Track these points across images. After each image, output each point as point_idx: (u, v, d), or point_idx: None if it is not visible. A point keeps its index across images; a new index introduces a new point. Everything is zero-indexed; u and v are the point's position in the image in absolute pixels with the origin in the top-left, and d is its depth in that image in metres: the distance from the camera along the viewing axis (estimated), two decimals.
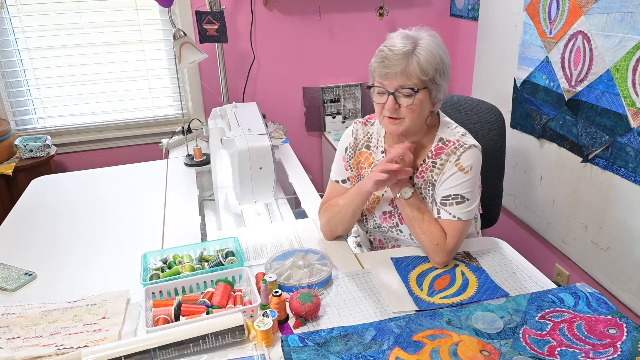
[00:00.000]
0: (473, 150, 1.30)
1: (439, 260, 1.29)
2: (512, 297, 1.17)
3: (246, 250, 1.42)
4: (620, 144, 1.69)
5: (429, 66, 1.21)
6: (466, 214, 1.30)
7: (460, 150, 1.30)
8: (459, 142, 1.31)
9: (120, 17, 2.58)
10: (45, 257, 1.44)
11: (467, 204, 1.30)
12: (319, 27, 2.79)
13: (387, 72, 1.22)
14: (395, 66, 1.20)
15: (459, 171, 1.29)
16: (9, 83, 2.57)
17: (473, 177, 1.30)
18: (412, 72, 1.21)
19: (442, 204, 1.31)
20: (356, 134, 1.46)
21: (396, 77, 1.21)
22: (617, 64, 1.65)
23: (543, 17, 2.00)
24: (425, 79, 1.22)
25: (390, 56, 1.21)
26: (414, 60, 1.20)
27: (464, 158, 1.29)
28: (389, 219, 1.42)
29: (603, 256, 1.84)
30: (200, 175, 2.08)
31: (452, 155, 1.31)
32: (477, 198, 1.35)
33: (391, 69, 1.21)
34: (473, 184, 1.31)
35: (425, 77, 1.21)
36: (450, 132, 1.34)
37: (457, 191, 1.30)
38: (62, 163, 2.74)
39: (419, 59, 1.20)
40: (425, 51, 1.21)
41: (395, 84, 1.22)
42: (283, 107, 2.91)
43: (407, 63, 1.20)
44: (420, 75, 1.21)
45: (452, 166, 1.30)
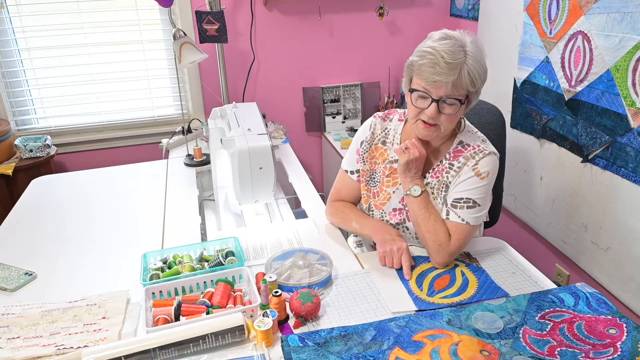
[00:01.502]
0: (492, 158, 1.30)
1: (440, 260, 1.29)
2: (512, 297, 1.17)
3: (246, 250, 1.42)
4: (620, 144, 1.69)
5: (477, 79, 1.20)
6: (475, 219, 1.30)
7: (479, 155, 1.30)
8: (479, 148, 1.31)
9: (120, 17, 2.59)
10: (45, 257, 1.44)
11: (478, 210, 1.30)
12: (319, 27, 2.79)
13: (437, 79, 1.17)
14: (447, 75, 1.16)
15: (476, 176, 1.29)
16: (9, 83, 2.57)
17: (488, 183, 1.30)
18: (462, 83, 1.18)
19: (452, 206, 1.31)
20: (374, 128, 1.45)
21: (447, 86, 1.17)
22: (617, 64, 1.65)
23: (543, 17, 2.00)
24: (473, 91, 1.21)
25: (442, 64, 1.16)
26: (465, 71, 1.17)
27: (482, 164, 1.29)
28: (397, 216, 1.42)
29: (603, 256, 1.84)
30: (200, 175, 2.08)
31: (470, 159, 1.30)
32: (487, 205, 1.34)
33: (442, 77, 1.16)
34: (486, 191, 1.31)
35: (473, 88, 1.21)
36: (470, 137, 1.34)
37: (470, 195, 1.29)
38: (62, 163, 2.74)
39: (471, 70, 1.17)
40: (474, 61, 1.18)
41: (442, 93, 1.19)
42: (283, 107, 2.91)
43: (459, 74, 1.17)
44: (470, 87, 1.20)
45: (469, 170, 1.30)
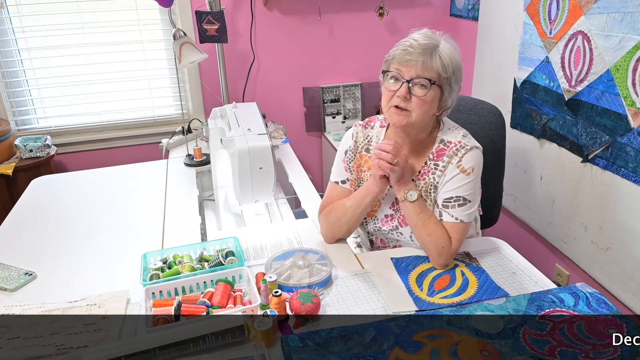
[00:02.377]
0: (475, 152, 1.30)
1: (442, 262, 1.29)
2: (512, 297, 1.17)
3: (246, 250, 1.41)
4: (620, 144, 1.69)
5: (449, 64, 1.23)
6: (467, 215, 1.30)
7: (461, 151, 1.30)
8: (460, 144, 1.31)
9: (120, 17, 2.58)
10: (45, 257, 1.43)
11: (469, 206, 1.30)
12: (319, 27, 2.79)
13: (408, 58, 1.22)
14: (419, 55, 1.21)
15: (461, 173, 1.29)
16: (9, 83, 2.56)
17: (475, 178, 1.30)
18: (433, 65, 1.22)
19: (444, 206, 1.31)
20: (356, 137, 1.45)
21: (417, 65, 1.21)
22: (617, 64, 1.65)
23: (543, 17, 2.00)
24: (444, 76, 1.23)
25: (414, 45, 1.22)
26: (437, 55, 1.22)
27: (465, 160, 1.29)
28: (389, 222, 1.42)
29: (603, 256, 1.84)
30: (200, 175, 2.08)
31: (453, 157, 1.30)
32: (478, 200, 1.35)
33: (413, 56, 1.21)
34: (474, 186, 1.31)
35: (444, 74, 1.22)
36: (451, 134, 1.34)
37: (459, 193, 1.30)
38: (62, 163, 2.74)
39: (442, 56, 1.23)
40: (447, 51, 1.24)
41: (413, 73, 1.22)
42: (283, 107, 2.90)
43: (430, 56, 1.22)
44: (440, 71, 1.22)
45: (454, 168, 1.30)
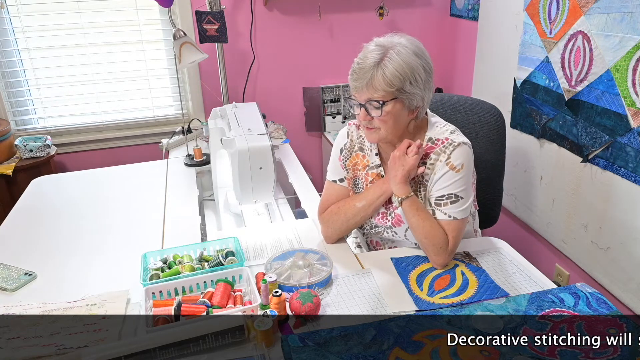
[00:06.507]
0: (463, 148, 1.29)
1: (441, 261, 1.29)
2: (512, 297, 1.17)
3: (246, 250, 1.41)
4: (620, 144, 1.69)
5: (394, 78, 1.20)
6: (461, 212, 1.30)
7: (449, 148, 1.29)
8: (448, 141, 1.30)
9: (120, 17, 2.58)
10: (45, 257, 1.44)
11: (462, 203, 1.30)
12: (319, 27, 2.79)
13: (355, 85, 1.24)
14: (362, 79, 1.22)
15: (451, 170, 1.29)
16: (9, 83, 2.56)
17: (465, 175, 1.30)
18: (377, 84, 1.21)
19: (436, 205, 1.31)
20: (351, 135, 1.46)
21: (363, 90, 1.23)
22: (617, 64, 1.65)
23: (543, 17, 2.00)
24: (392, 90, 1.21)
25: (357, 69, 1.23)
26: (379, 73, 1.20)
27: (454, 156, 1.28)
28: (382, 220, 1.42)
29: (603, 256, 1.84)
30: (200, 175, 2.08)
31: (442, 154, 1.30)
32: (471, 195, 1.34)
33: (358, 82, 1.23)
34: (466, 182, 1.30)
35: (391, 88, 1.21)
36: (439, 131, 1.34)
37: (450, 190, 1.29)
38: (62, 163, 2.74)
39: (384, 72, 1.20)
40: (392, 62, 1.20)
41: (364, 97, 1.24)
42: (283, 107, 2.90)
43: (372, 76, 1.21)
44: (386, 87, 1.21)
45: (443, 165, 1.29)
